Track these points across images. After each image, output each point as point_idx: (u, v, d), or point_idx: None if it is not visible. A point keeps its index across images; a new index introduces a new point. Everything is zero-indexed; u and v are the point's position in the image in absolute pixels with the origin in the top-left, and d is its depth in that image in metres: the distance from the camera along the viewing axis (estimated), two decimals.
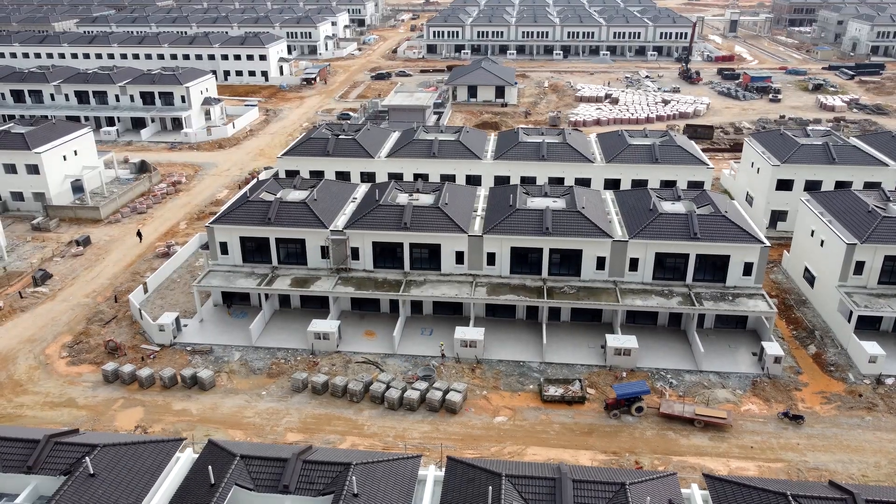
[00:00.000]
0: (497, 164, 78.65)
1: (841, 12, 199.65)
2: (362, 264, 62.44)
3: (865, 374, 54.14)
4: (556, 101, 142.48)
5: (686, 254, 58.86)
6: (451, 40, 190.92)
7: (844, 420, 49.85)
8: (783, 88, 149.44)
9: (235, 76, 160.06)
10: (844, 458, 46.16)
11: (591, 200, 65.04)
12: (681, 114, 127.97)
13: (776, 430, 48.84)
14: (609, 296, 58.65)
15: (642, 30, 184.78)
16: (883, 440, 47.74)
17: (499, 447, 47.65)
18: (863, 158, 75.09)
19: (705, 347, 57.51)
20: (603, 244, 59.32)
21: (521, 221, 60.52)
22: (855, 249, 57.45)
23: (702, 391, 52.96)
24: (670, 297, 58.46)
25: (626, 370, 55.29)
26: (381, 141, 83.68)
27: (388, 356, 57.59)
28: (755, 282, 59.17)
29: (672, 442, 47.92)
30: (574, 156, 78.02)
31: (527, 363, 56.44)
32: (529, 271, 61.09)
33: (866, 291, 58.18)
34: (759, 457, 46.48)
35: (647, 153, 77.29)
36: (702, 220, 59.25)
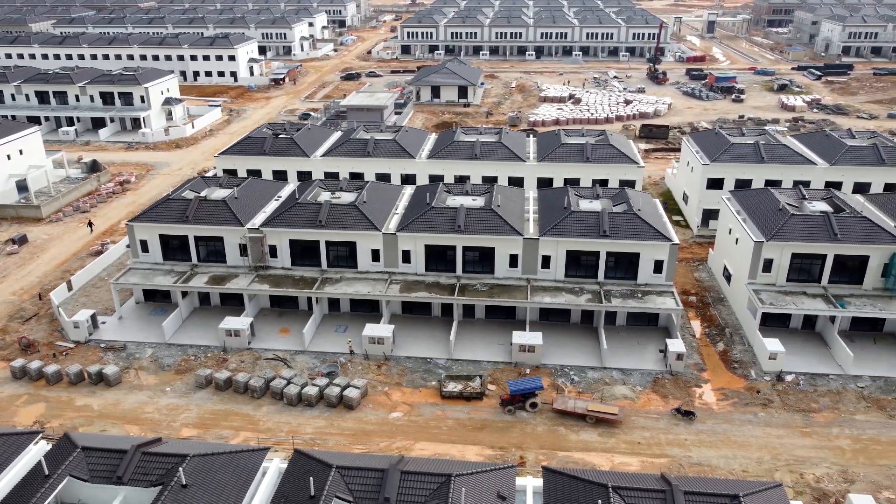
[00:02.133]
0: (431, 164, 79.06)
1: (815, 13, 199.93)
2: (280, 262, 62.88)
3: (767, 370, 54.46)
4: (520, 102, 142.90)
5: (597, 251, 59.22)
6: (425, 41, 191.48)
7: (738, 416, 50.16)
8: (749, 89, 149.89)
9: (205, 76, 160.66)
10: (729, 454, 46.47)
11: (511, 199, 65.44)
12: (641, 114, 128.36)
13: (667, 427, 49.17)
14: (521, 293, 59.02)
15: (615, 30, 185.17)
16: (771, 436, 48.06)
17: (388, 442, 48.03)
18: (792, 157, 75.40)
19: (615, 344, 57.99)
20: (514, 242, 59.69)
21: (435, 220, 60.91)
22: (762, 247, 57.78)
23: (602, 387, 53.32)
24: (580, 294, 58.83)
25: (531, 367, 55.66)
26: (319, 140, 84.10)
27: (298, 353, 57.99)
28: (666, 279, 59.52)
29: (562, 437, 48.27)
30: (507, 155, 78.40)
31: (434, 360, 56.82)
32: (444, 269, 61.47)
33: (775, 289, 58.48)
34: (644, 452, 46.81)
35: (579, 152, 77.66)
36: (612, 218, 59.61)
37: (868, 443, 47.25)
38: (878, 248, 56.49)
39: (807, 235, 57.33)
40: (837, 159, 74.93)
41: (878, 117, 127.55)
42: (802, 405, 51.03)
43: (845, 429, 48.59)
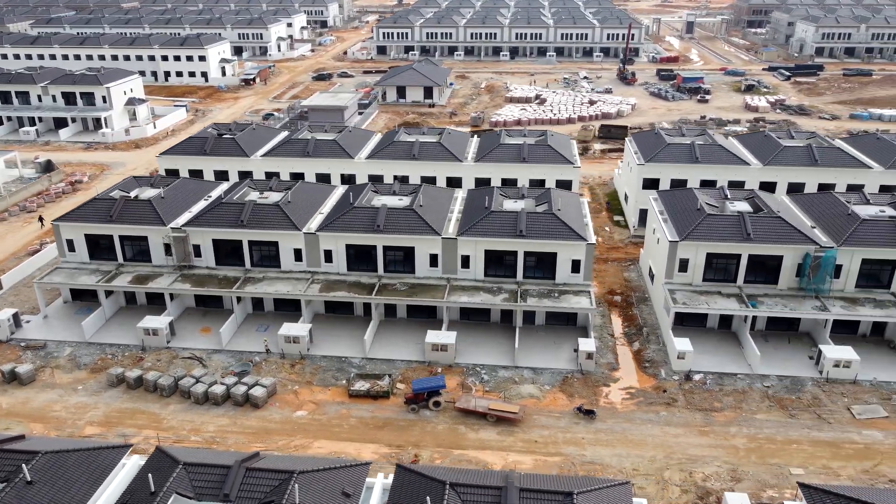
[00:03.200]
0: (370, 164, 79.33)
1: (791, 14, 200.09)
2: (205, 262, 63.15)
3: (676, 370, 54.70)
4: (487, 102, 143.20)
5: (514, 251, 59.48)
6: (401, 42, 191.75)
7: (639, 415, 50.40)
8: (718, 89, 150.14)
9: (176, 77, 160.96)
10: (623, 453, 46.70)
11: (437, 199, 65.69)
12: (603, 114, 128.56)
13: (567, 425, 49.41)
14: (440, 292, 59.27)
15: (589, 31, 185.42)
16: (668, 435, 48.29)
17: (287, 441, 48.29)
18: (727, 157, 75.59)
19: (531, 343, 58.26)
20: (433, 241, 59.95)
21: (356, 219, 61.17)
22: (677, 247, 58.03)
23: (511, 386, 53.57)
24: (498, 293, 59.09)
25: (444, 366, 55.91)
26: (262, 141, 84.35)
27: (216, 352, 58.25)
28: (584, 279, 59.77)
29: (461, 436, 48.50)
30: (445, 155, 78.66)
31: (349, 359, 57.08)
32: (366, 268, 61.73)
33: (691, 289, 58.74)
34: (539, 451, 47.04)
35: (517, 153, 77.90)
36: (530, 218, 59.86)
37: (763, 442, 47.46)
38: (791, 249, 56.71)
39: (721, 235, 57.57)
40: (771, 160, 75.15)
41: (840, 118, 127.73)
42: (706, 404, 51.26)
43: (743, 428, 48.81)
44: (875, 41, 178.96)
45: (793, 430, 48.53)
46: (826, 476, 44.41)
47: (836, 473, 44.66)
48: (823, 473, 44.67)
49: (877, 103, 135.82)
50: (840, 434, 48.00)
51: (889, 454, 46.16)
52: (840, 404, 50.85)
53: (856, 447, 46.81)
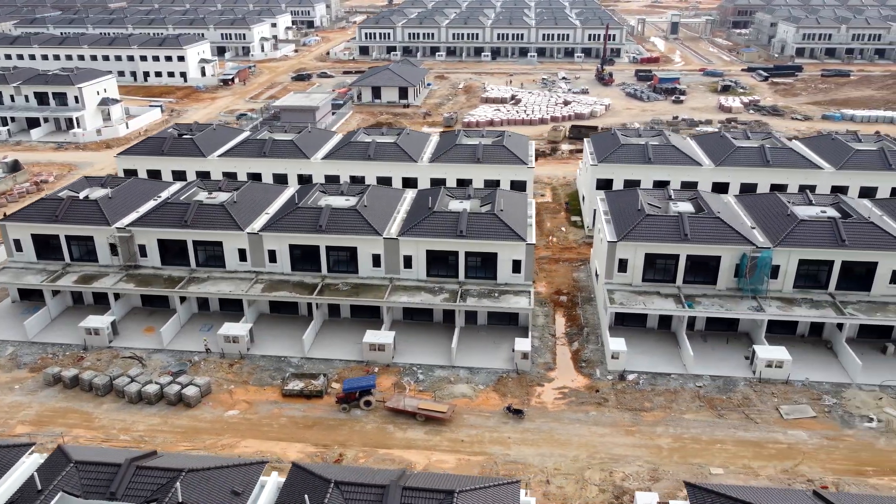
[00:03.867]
0: (326, 164, 79.57)
1: (774, 15, 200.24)
2: (151, 262, 63.36)
3: (611, 370, 54.91)
4: (463, 103, 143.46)
5: (455, 251, 59.68)
6: (383, 42, 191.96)
7: (569, 415, 50.60)
8: (695, 90, 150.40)
9: (155, 77, 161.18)
10: (546, 452, 46.89)
11: (383, 199, 65.89)
12: (576, 114, 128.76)
13: (495, 425, 49.61)
14: (382, 292, 59.47)
15: (571, 32, 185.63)
16: (594, 434, 48.49)
17: (215, 440, 48.48)
18: (680, 158, 75.83)
19: (471, 343, 58.60)
20: (376, 242, 60.16)
21: (300, 220, 61.38)
22: (616, 247, 58.26)
23: (445, 386, 53.78)
24: (439, 293, 59.29)
25: (382, 365, 56.14)
26: (222, 141, 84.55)
27: (157, 352, 58.48)
28: (525, 279, 59.97)
29: (388, 435, 48.71)
30: (401, 156, 78.89)
31: (288, 358, 57.31)
32: (310, 268, 61.92)
33: (630, 289, 58.96)
34: (464, 450, 47.24)
35: (472, 153, 78.13)
36: (471, 219, 60.07)
37: (688, 441, 47.67)
38: (728, 249, 56.92)
39: (659, 236, 57.79)
40: (724, 160, 75.37)
41: (812, 118, 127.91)
42: (636, 404, 51.47)
43: (670, 428, 49.01)
44: (855, 42, 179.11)
45: (719, 429, 48.73)
46: (745, 475, 44.63)
47: (756, 473, 44.87)
48: (743, 473, 44.89)
49: (851, 104, 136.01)
50: (765, 434, 48.20)
51: (811, 454, 46.35)
52: (770, 404, 51.06)
53: (779, 447, 47.01)
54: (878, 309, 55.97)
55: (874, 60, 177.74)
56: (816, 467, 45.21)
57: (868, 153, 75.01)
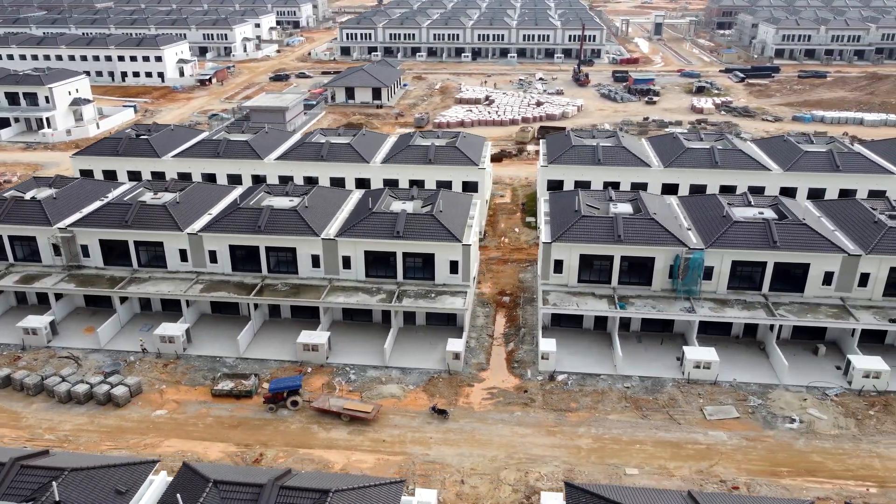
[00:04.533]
0: (279, 165, 79.83)
1: (756, 16, 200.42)
2: (93, 262, 63.61)
3: (541, 370, 55.13)
4: (438, 103, 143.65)
5: (393, 252, 59.91)
6: (364, 42, 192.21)
7: (494, 415, 50.81)
8: (670, 91, 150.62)
9: (133, 77, 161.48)
10: (466, 452, 47.09)
11: (327, 200, 66.13)
12: (548, 115, 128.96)
13: (419, 425, 49.83)
14: (321, 293, 59.70)
15: (551, 32, 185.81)
16: (516, 434, 48.70)
17: (139, 440, 48.68)
18: (629, 160, 76.06)
19: (407, 343, 58.90)
20: (314, 242, 60.40)
21: (239, 221, 61.62)
22: (551, 248, 58.51)
23: (376, 386, 53.99)
24: (376, 294, 59.52)
25: (316, 365, 56.38)
26: (178, 142, 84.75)
27: (94, 351, 58.71)
28: (462, 279, 60.19)
29: (311, 435, 48.93)
30: (354, 157, 79.14)
31: (223, 358, 57.56)
32: (250, 269, 62.16)
33: (566, 290, 59.21)
34: (385, 450, 47.44)
35: (423, 154, 78.37)
36: (409, 220, 60.31)
37: (608, 442, 47.89)
38: (662, 250, 57.17)
39: (593, 237, 58.03)
40: (673, 161, 75.61)
41: (783, 119, 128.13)
42: (562, 405, 51.69)
43: (592, 428, 49.22)
44: (835, 43, 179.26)
45: (641, 430, 48.94)
46: (659, 476, 44.86)
47: (671, 473, 45.08)
48: (658, 473, 45.10)
49: (823, 105, 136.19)
50: (686, 435, 48.42)
51: (728, 455, 46.56)
52: (695, 405, 51.27)
53: (698, 448, 47.22)
54: (810, 310, 56.20)
55: (853, 62, 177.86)
56: (732, 468, 45.42)
57: (817, 155, 75.21)
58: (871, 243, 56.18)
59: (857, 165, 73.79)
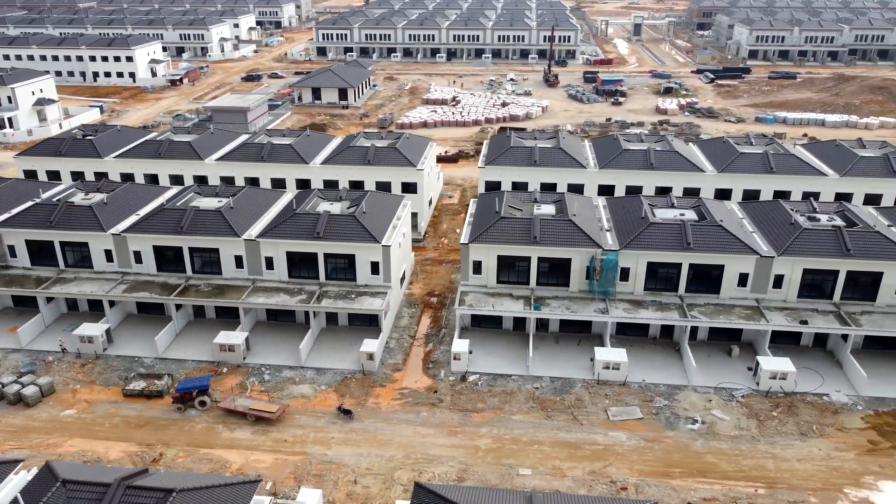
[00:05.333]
0: (220, 166, 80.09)
1: (732, 17, 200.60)
2: (21, 262, 63.89)
3: (454, 370, 55.40)
4: (405, 104, 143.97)
5: (315, 253, 60.19)
6: (340, 43, 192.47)
7: (400, 416, 51.08)
8: (639, 91, 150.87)
9: (104, 77, 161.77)
10: (364, 452, 47.36)
11: (257, 201, 66.37)
12: (512, 116, 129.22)
13: (324, 425, 50.11)
14: (243, 293, 59.99)
15: (525, 33, 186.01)
16: (418, 435, 48.97)
17: (42, 439, 48.96)
18: (566, 161, 76.27)
19: (329, 343, 59.28)
20: (237, 243, 60.67)
21: (163, 221, 61.90)
22: (469, 249, 58.79)
23: (288, 386, 54.26)
24: (297, 294, 59.78)
25: (232, 365, 56.68)
26: (123, 142, 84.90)
27: (14, 351, 58.97)
28: (384, 280, 60.45)
29: (215, 435, 49.20)
30: (294, 158, 79.41)
31: (141, 359, 57.84)
32: (175, 269, 62.43)
33: (485, 291, 59.50)
34: (285, 450, 47.71)
35: (363, 156, 78.62)
36: (331, 221, 60.57)
37: (507, 442, 48.15)
38: (577, 251, 57.43)
39: (511, 238, 58.29)
40: (609, 163, 75.86)
41: (746, 120, 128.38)
42: (469, 405, 51.95)
43: (494, 429, 49.47)
44: (808, 44, 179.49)
45: (542, 431, 49.21)
46: (552, 476, 45.13)
47: (563, 474, 45.35)
48: (550, 474, 45.37)
49: (788, 106, 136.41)
50: (586, 435, 48.69)
51: (624, 455, 46.83)
52: (600, 406, 51.55)
53: (595, 448, 47.48)
54: (725, 312, 56.46)
55: (826, 63, 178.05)
56: (625, 469, 45.68)
57: (752, 157, 75.44)
58: (784, 245, 56.45)
59: (791, 167, 74.02)
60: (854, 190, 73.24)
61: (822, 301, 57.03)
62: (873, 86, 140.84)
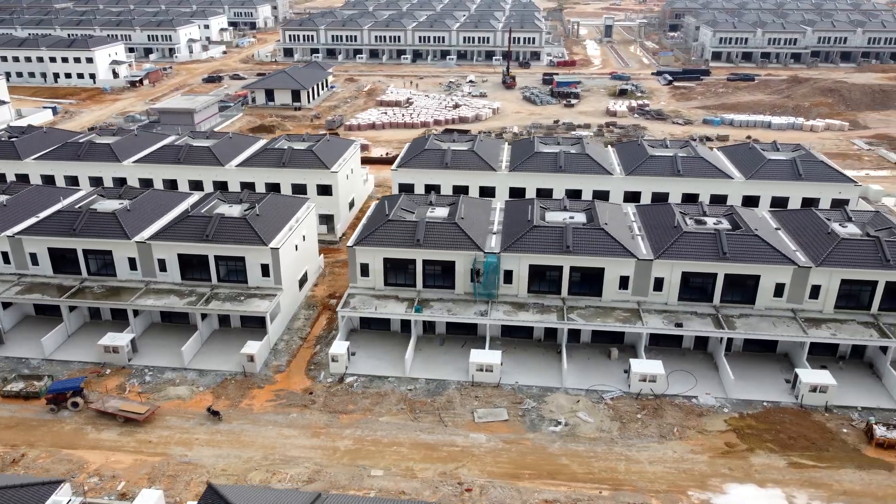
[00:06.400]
0: (139, 168, 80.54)
1: (699, 18, 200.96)
2: None
3: (332, 372, 55.88)
4: (360, 105, 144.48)
5: (205, 255, 60.64)
6: (307, 44, 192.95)
7: (269, 417, 51.54)
8: (596, 93, 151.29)
9: (65, 78, 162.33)
10: (225, 453, 47.81)
11: (159, 203, 66.84)
12: (461, 118, 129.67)
13: (192, 426, 50.58)
14: (133, 295, 60.49)
15: (490, 35, 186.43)
16: (282, 436, 49.39)
17: None
18: (476, 164, 76.67)
19: (217, 346, 59.84)
20: (129, 246, 61.14)
21: (57, 223, 62.39)
22: (355, 252, 59.27)
23: (167, 388, 54.77)
24: (188, 297, 60.24)
25: (118, 367, 57.19)
26: (46, 145, 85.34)
27: None
28: (274, 282, 60.93)
29: (82, 436, 49.67)
30: (211, 160, 79.87)
31: (28, 360, 58.36)
32: (71, 271, 62.90)
33: (373, 293, 59.98)
34: (147, 451, 48.14)
35: (279, 158, 79.07)
36: (222, 224, 61.02)
37: (368, 444, 48.58)
38: (460, 254, 57.87)
39: (395, 241, 58.74)
40: (519, 165, 76.28)
41: (694, 122, 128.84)
42: (340, 407, 52.43)
43: (359, 430, 49.92)
44: (771, 46, 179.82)
45: (405, 432, 49.67)
46: (401, 477, 45.58)
47: (415, 475, 45.78)
48: (401, 475, 45.82)
49: (739, 108, 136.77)
50: (446, 437, 49.13)
51: (479, 457, 47.25)
52: (469, 408, 51.99)
53: (452, 450, 47.92)
54: (604, 314, 56.92)
55: (789, 65, 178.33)
56: (476, 470, 46.12)
57: (662, 160, 75.82)
58: (663, 248, 56.92)
59: (698, 170, 74.39)
60: (761, 193, 73.64)
61: (702, 304, 57.49)
62: (825, 88, 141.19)
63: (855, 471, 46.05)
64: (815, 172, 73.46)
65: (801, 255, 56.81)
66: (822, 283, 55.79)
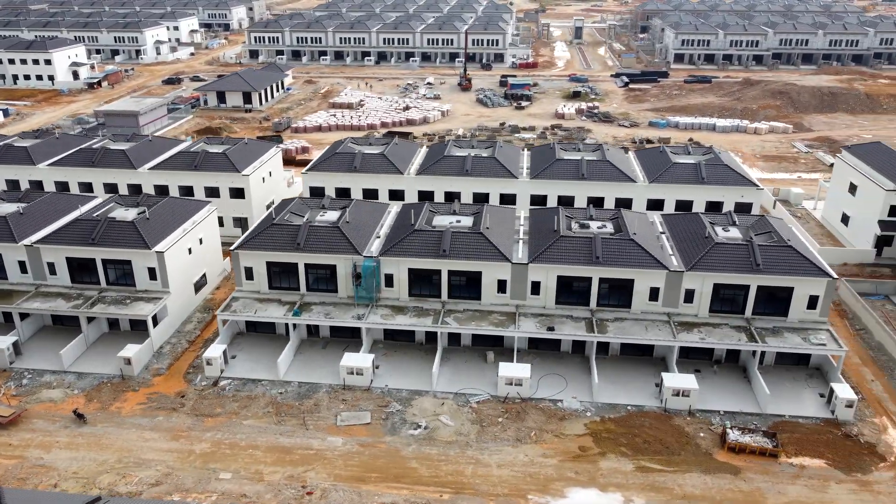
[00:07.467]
0: (54, 171, 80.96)
1: (665, 20, 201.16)
2: None
3: (207, 375, 56.24)
4: (314, 107, 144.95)
5: (93, 258, 61.03)
6: (272, 46, 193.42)
7: (136, 420, 51.89)
8: (551, 95, 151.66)
9: (24, 80, 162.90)
10: (80, 456, 48.17)
11: (55, 207, 67.25)
12: (408, 120, 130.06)
13: (57, 429, 50.96)
14: (19, 298, 60.90)
15: (454, 36, 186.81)
16: (141, 439, 49.71)
17: None
18: (385, 167, 77.07)
19: (102, 349, 60.27)
20: (17, 249, 61.53)
21: None
22: (239, 255, 59.68)
23: (41, 391, 55.12)
24: (74, 300, 60.60)
25: None
26: None
27: None
28: (162, 286, 61.29)
29: None
30: (125, 163, 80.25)
31: None
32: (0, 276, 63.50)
33: (257, 296, 60.40)
34: (4, 454, 48.48)
35: (192, 161, 79.42)
36: (108, 227, 61.39)
37: (224, 447, 48.92)
38: (340, 258, 58.27)
39: (277, 245, 59.16)
40: (429, 169, 76.64)
41: (640, 125, 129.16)
42: (207, 410, 52.81)
43: (219, 433, 50.28)
44: (733, 48, 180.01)
45: (264, 435, 50.03)
46: (248, 480, 45.96)
47: (262, 478, 46.14)
48: (249, 478, 46.18)
49: (689, 110, 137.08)
50: (303, 440, 49.49)
51: (329, 461, 47.57)
52: (333, 411, 52.36)
53: (305, 453, 48.27)
54: (481, 318, 57.29)
55: (750, 67, 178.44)
56: (324, 473, 46.49)
57: (568, 163, 76.13)
58: (538, 251, 57.25)
59: (603, 174, 74.70)
60: (666, 196, 73.96)
61: (579, 308, 57.82)
62: (774, 91, 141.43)
63: (700, 475, 46.39)
64: (717, 176, 73.76)
65: (676, 260, 57.17)
66: (695, 287, 56.14)
